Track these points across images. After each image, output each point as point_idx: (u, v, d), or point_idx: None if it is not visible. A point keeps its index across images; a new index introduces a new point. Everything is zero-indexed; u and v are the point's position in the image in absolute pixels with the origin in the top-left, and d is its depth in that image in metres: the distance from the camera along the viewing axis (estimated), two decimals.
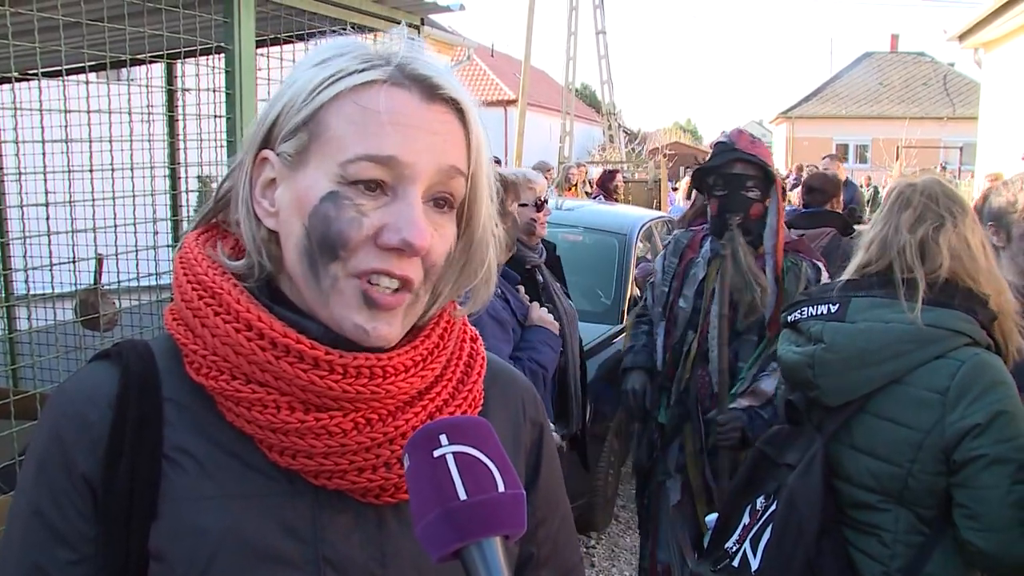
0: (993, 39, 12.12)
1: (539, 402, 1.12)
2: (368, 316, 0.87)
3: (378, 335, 0.88)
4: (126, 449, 0.88)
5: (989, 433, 1.83)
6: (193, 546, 0.86)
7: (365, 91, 0.86)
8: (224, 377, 0.88)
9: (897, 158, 20.49)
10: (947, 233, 1.99)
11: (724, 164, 3.10)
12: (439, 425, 0.74)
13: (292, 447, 0.87)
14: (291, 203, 0.89)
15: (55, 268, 2.78)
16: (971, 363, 1.89)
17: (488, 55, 33.04)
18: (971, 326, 1.93)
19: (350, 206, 0.85)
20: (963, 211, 2.03)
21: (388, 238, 0.85)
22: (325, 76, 0.87)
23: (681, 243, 3.41)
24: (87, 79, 2.69)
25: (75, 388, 0.93)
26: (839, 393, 2.04)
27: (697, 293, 3.23)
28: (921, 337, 1.92)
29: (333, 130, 0.86)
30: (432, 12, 4.12)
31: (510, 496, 0.71)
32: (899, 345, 1.94)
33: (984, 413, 1.84)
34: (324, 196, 0.86)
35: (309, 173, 0.87)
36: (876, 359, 1.96)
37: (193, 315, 0.90)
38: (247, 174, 0.92)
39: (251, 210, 0.92)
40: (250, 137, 0.93)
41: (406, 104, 0.86)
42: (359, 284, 0.87)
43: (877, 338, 1.97)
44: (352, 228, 0.85)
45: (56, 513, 0.88)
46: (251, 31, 2.89)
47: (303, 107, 0.88)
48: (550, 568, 1.07)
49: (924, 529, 1.97)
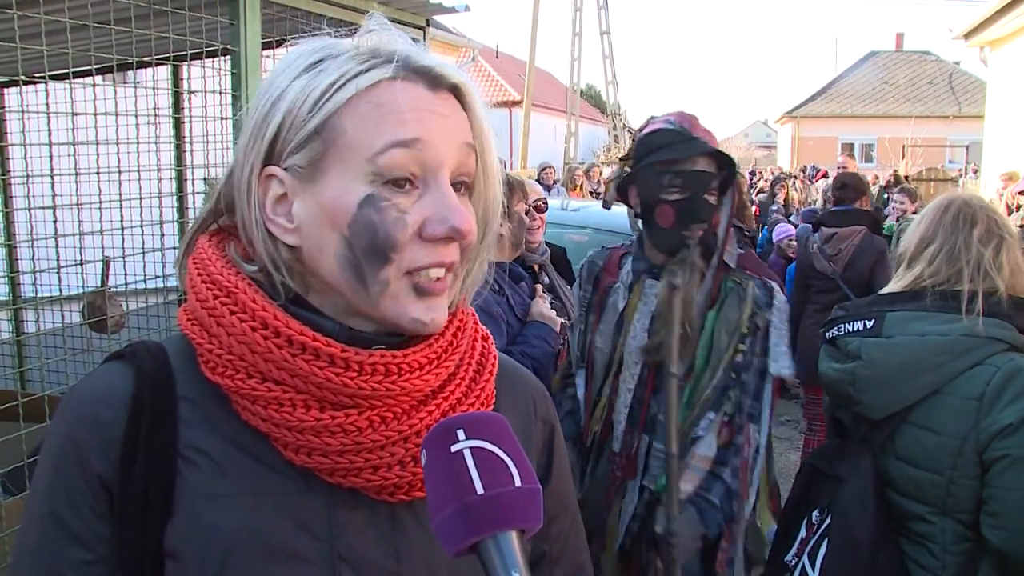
0: (999, 37, 12.09)
1: (549, 401, 1.13)
2: (423, 308, 0.89)
3: (435, 323, 0.90)
4: (141, 449, 0.88)
5: (1019, 434, 1.85)
6: (208, 544, 0.86)
7: (375, 90, 0.87)
8: (240, 376, 0.88)
9: (903, 157, 20.45)
10: (1011, 249, 2.05)
11: (684, 159, 2.22)
12: (456, 420, 0.75)
13: (307, 445, 0.88)
14: (318, 215, 0.88)
15: (62, 271, 2.78)
16: (1007, 368, 1.92)
17: (493, 56, 33.06)
18: (1009, 332, 1.96)
19: (390, 207, 0.86)
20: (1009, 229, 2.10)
21: (435, 229, 0.87)
22: (329, 82, 0.87)
23: (596, 266, 2.59)
24: (94, 82, 2.70)
25: (89, 389, 0.93)
26: (880, 407, 2.07)
27: (617, 328, 2.40)
28: (957, 348, 1.96)
29: (351, 132, 0.86)
30: (437, 13, 4.12)
31: (526, 490, 0.71)
32: (936, 357, 1.97)
33: (1017, 415, 1.86)
34: (362, 201, 0.86)
35: (332, 182, 0.87)
36: (913, 372, 2.00)
37: (208, 314, 0.90)
38: (253, 194, 0.90)
39: (265, 230, 0.91)
40: (244, 153, 0.91)
41: (416, 94, 0.88)
42: (409, 280, 0.88)
43: (914, 352, 2.00)
44: (397, 228, 0.86)
45: (71, 513, 0.88)
46: (257, 33, 2.89)
47: (311, 117, 0.87)
48: (562, 566, 1.08)
49: (970, 535, 1.98)
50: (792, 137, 35.22)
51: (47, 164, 2.69)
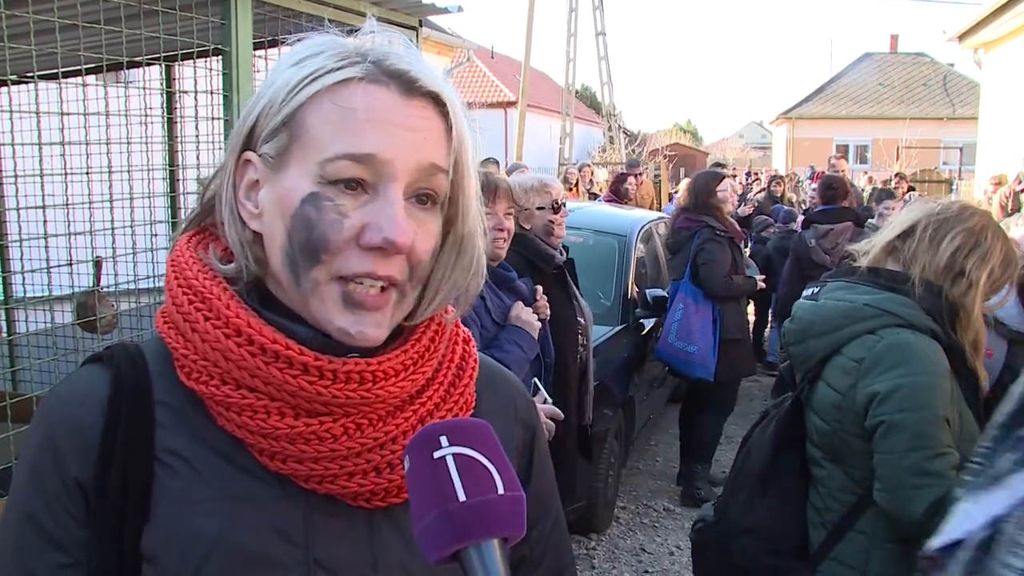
0: (993, 39, 12.12)
1: (531, 404, 1.12)
2: (352, 319, 0.87)
3: (363, 337, 0.88)
4: (118, 452, 0.87)
5: (889, 402, 2.01)
6: (185, 548, 0.86)
7: (342, 89, 0.86)
8: (214, 382, 0.88)
9: (897, 158, 20.49)
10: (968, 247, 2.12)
11: None
12: (440, 426, 0.74)
13: (282, 452, 0.87)
14: (274, 205, 0.88)
15: (53, 271, 2.77)
16: (890, 340, 2.07)
17: (488, 57, 33.05)
18: (910, 310, 2.08)
19: (331, 207, 0.85)
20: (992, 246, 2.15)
21: (370, 237, 0.85)
22: (302, 76, 0.87)
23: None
24: (84, 81, 2.69)
25: (67, 392, 0.93)
26: (801, 361, 2.28)
27: None
28: (858, 314, 2.13)
29: (312, 130, 0.86)
30: (430, 14, 4.12)
31: (509, 498, 0.70)
32: (840, 320, 2.16)
33: (887, 384, 2.02)
34: (305, 198, 0.85)
35: (290, 174, 0.87)
36: (821, 331, 2.19)
37: (184, 319, 0.90)
38: (230, 176, 0.91)
39: (235, 212, 0.91)
40: (232, 139, 0.93)
41: (384, 101, 0.86)
42: (340, 287, 0.86)
43: (825, 313, 2.20)
44: (333, 230, 0.85)
45: (49, 517, 0.88)
46: (248, 33, 2.89)
47: (282, 108, 0.87)
48: (543, 569, 1.07)
49: (857, 490, 2.12)
50: (787, 138, 35.24)
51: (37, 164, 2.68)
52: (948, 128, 28.78)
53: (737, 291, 5.57)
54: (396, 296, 0.89)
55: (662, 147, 26.84)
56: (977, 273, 2.08)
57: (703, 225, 5.44)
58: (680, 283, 5.52)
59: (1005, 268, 2.13)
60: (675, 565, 4.74)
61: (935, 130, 27.97)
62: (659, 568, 4.73)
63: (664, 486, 5.91)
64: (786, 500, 2.22)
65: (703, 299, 5.39)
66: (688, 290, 5.43)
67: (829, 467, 2.17)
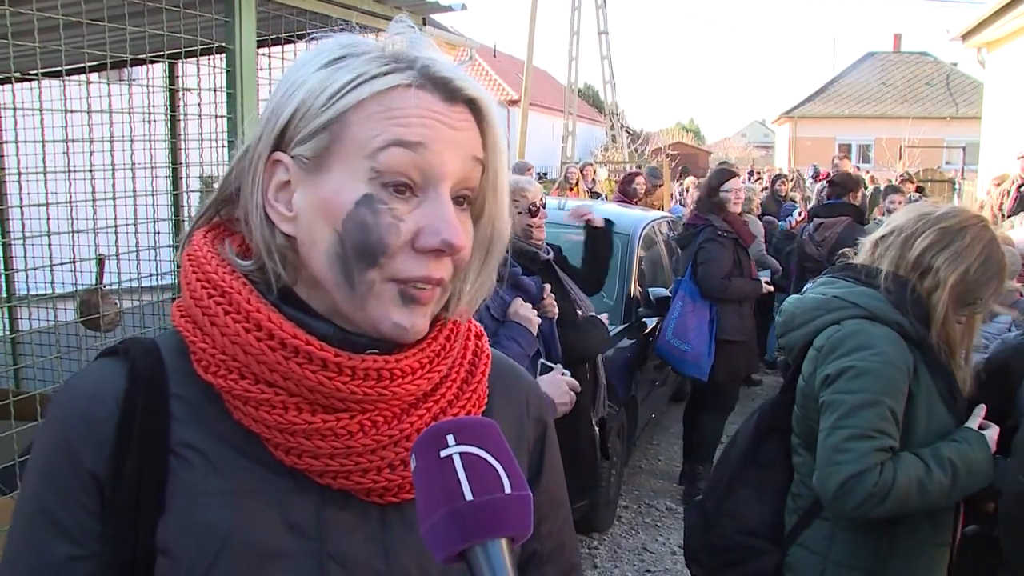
0: (996, 39, 12.11)
1: (543, 399, 1.12)
2: (407, 314, 0.88)
3: (416, 330, 0.89)
4: (133, 445, 0.88)
5: (834, 384, 2.07)
6: (200, 541, 0.86)
7: (390, 95, 0.86)
8: (232, 376, 0.88)
9: (900, 158, 20.47)
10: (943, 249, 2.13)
11: None
12: (447, 425, 0.74)
13: (298, 447, 0.87)
14: (315, 208, 0.87)
15: (56, 268, 2.77)
16: (847, 329, 2.11)
17: (491, 55, 33.05)
18: (875, 303, 2.11)
19: (386, 211, 0.85)
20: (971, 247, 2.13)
21: (427, 241, 0.85)
22: (346, 80, 0.86)
23: None
24: (87, 79, 2.69)
25: (82, 385, 0.93)
26: (788, 352, 2.34)
27: None
28: (827, 306, 2.19)
29: (356, 130, 0.86)
30: (434, 12, 4.12)
31: (516, 497, 0.70)
32: (813, 312, 2.22)
33: (834, 367, 2.08)
34: (359, 200, 0.85)
35: (334, 176, 0.86)
36: (799, 322, 2.25)
37: (202, 313, 0.90)
38: (259, 177, 0.90)
39: (264, 214, 0.90)
40: (256, 137, 0.92)
41: (431, 104, 0.87)
42: (396, 286, 0.87)
43: (804, 305, 2.26)
44: (391, 234, 0.85)
45: (62, 510, 0.88)
46: (252, 31, 2.89)
47: (323, 111, 0.86)
48: (552, 565, 1.07)
49: None
50: (790, 137, 35.21)
51: (40, 161, 2.68)
52: (951, 128, 28.72)
53: (735, 293, 5.46)
54: (439, 292, 0.91)
55: (665, 146, 26.83)
56: (946, 271, 2.07)
57: (707, 224, 5.42)
58: (682, 281, 5.51)
59: (985, 271, 2.09)
60: (677, 564, 4.74)
61: (938, 130, 27.91)
62: (661, 567, 4.73)
63: (666, 485, 5.91)
64: (764, 486, 2.28)
65: (701, 298, 5.36)
66: (687, 288, 5.41)
67: (804, 454, 2.21)
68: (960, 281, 2.07)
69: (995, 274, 2.11)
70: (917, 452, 2.01)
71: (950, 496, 2.02)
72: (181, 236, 1.00)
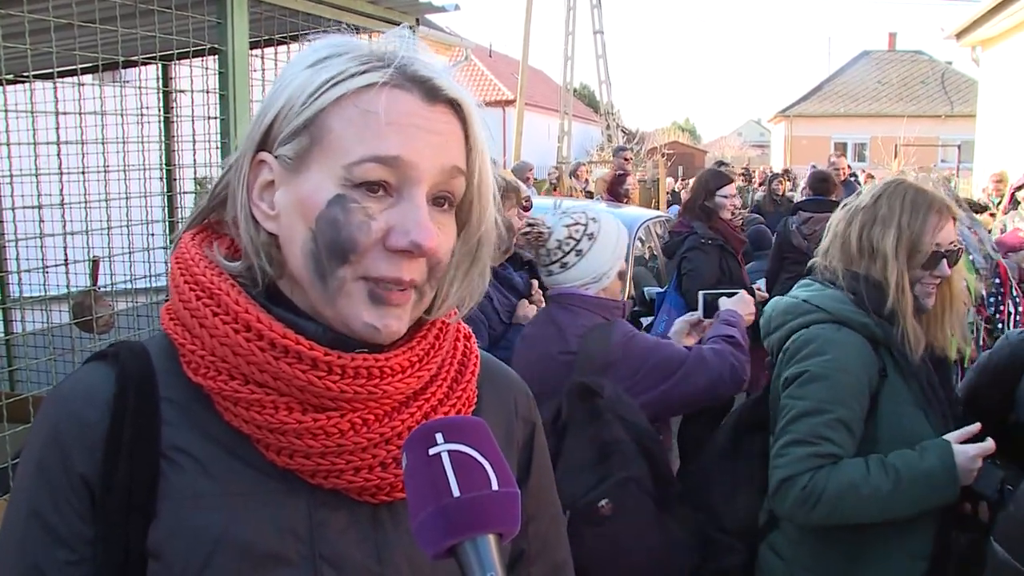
0: (990, 37, 12.13)
1: (532, 400, 1.13)
2: (378, 313, 0.88)
3: (388, 331, 0.89)
4: (124, 449, 0.88)
5: (788, 388, 2.09)
6: (191, 544, 0.86)
7: (366, 93, 0.86)
8: (222, 377, 0.88)
9: (895, 156, 20.48)
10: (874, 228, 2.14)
11: None
12: (436, 424, 0.75)
13: (290, 447, 0.88)
14: (294, 206, 0.89)
15: (50, 271, 2.77)
16: (808, 334, 2.12)
17: (486, 55, 33.05)
18: (839, 304, 2.11)
19: (358, 209, 0.86)
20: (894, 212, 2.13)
21: (396, 240, 0.86)
22: (325, 79, 0.87)
23: None
24: (79, 81, 2.68)
25: (72, 389, 0.93)
26: (770, 352, 2.32)
27: None
28: (795, 310, 2.20)
29: (336, 133, 0.86)
30: (427, 12, 4.12)
31: (503, 494, 0.72)
32: (784, 315, 2.24)
33: (793, 371, 2.10)
34: (331, 199, 0.86)
35: (312, 176, 0.88)
36: (775, 326, 2.27)
37: (191, 315, 0.90)
38: (244, 177, 0.92)
39: (249, 213, 0.92)
40: (245, 138, 0.93)
41: (408, 105, 0.87)
42: (366, 284, 0.87)
43: (778, 308, 2.28)
44: (361, 232, 0.86)
45: (54, 514, 0.88)
46: (244, 32, 2.88)
47: (303, 110, 0.87)
48: (540, 564, 1.09)
49: None
50: (785, 136, 35.24)
51: (32, 163, 2.68)
52: (946, 126, 28.77)
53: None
54: (415, 296, 0.91)
55: (660, 145, 26.85)
56: (882, 241, 2.08)
57: (691, 231, 5.07)
58: (667, 291, 5.17)
59: (915, 215, 2.08)
60: None
61: (933, 128, 27.95)
62: None
63: None
64: (738, 482, 2.28)
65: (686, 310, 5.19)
66: (672, 300, 5.06)
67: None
68: (898, 240, 2.07)
69: (926, 211, 2.09)
70: (866, 458, 1.98)
71: (894, 504, 1.95)
72: (174, 237, 1.00)
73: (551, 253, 2.61)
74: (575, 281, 2.57)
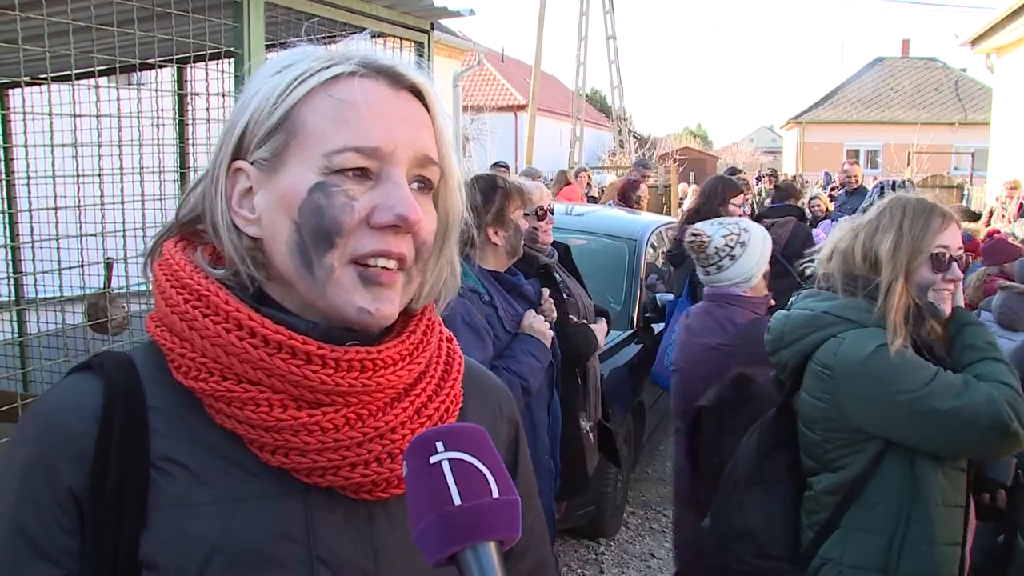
0: (1005, 44, 12.08)
1: (513, 401, 1.16)
2: (370, 297, 0.89)
3: (381, 315, 0.89)
4: (113, 461, 0.87)
5: (890, 396, 2.03)
6: (187, 552, 0.86)
7: (336, 84, 0.89)
8: (215, 378, 0.88)
9: (908, 163, 20.41)
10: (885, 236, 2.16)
11: None
12: (436, 432, 0.76)
13: (285, 445, 0.88)
14: (275, 204, 0.89)
15: (64, 272, 2.78)
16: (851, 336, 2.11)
17: (499, 60, 33.10)
18: (861, 312, 2.12)
19: (339, 192, 0.87)
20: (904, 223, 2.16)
21: (382, 216, 0.87)
22: (292, 77, 0.89)
23: None
24: (96, 83, 2.70)
25: (57, 401, 0.92)
26: (780, 370, 2.33)
27: None
28: (816, 322, 2.19)
29: (311, 125, 0.88)
30: (442, 17, 4.12)
31: (504, 502, 0.72)
32: (802, 329, 2.22)
33: (865, 380, 2.06)
34: (312, 187, 0.87)
35: (290, 171, 0.89)
36: (789, 340, 2.25)
37: (180, 319, 0.90)
38: (221, 187, 0.92)
39: (230, 222, 0.92)
40: (217, 149, 0.93)
41: (378, 93, 0.89)
42: (355, 268, 0.88)
43: (792, 322, 2.26)
44: (345, 213, 0.86)
45: (39, 528, 0.87)
46: (261, 36, 2.89)
47: (274, 110, 0.89)
48: (527, 560, 1.10)
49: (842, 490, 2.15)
50: (797, 143, 35.18)
51: (49, 165, 2.69)
52: (959, 133, 28.68)
53: None
54: (404, 278, 0.92)
55: (672, 151, 26.81)
56: (880, 247, 2.12)
57: None
58: (678, 301, 5.11)
59: (916, 219, 2.12)
60: None
61: (946, 135, 27.86)
62: (668, 573, 4.71)
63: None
64: (773, 504, 2.29)
65: None
66: (684, 308, 4.75)
67: (818, 472, 2.21)
68: (896, 244, 2.10)
69: (928, 215, 2.13)
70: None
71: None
72: (150, 246, 1.00)
73: (710, 257, 3.23)
74: (729, 280, 3.21)
